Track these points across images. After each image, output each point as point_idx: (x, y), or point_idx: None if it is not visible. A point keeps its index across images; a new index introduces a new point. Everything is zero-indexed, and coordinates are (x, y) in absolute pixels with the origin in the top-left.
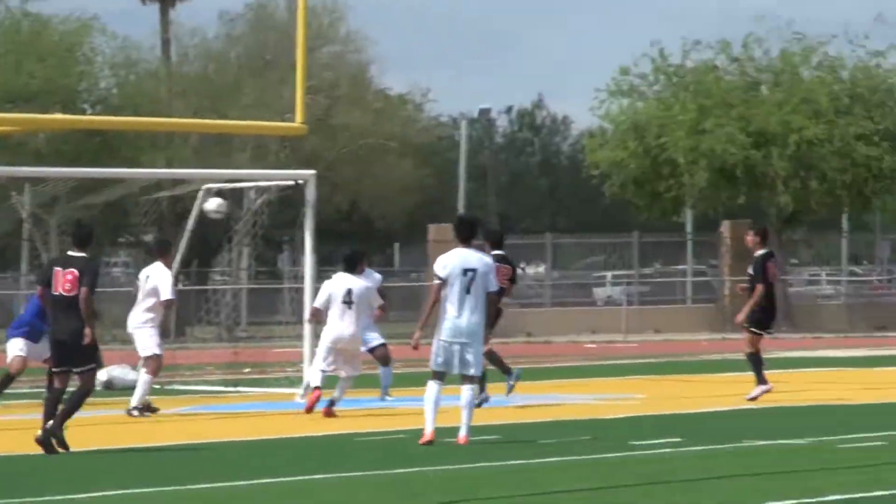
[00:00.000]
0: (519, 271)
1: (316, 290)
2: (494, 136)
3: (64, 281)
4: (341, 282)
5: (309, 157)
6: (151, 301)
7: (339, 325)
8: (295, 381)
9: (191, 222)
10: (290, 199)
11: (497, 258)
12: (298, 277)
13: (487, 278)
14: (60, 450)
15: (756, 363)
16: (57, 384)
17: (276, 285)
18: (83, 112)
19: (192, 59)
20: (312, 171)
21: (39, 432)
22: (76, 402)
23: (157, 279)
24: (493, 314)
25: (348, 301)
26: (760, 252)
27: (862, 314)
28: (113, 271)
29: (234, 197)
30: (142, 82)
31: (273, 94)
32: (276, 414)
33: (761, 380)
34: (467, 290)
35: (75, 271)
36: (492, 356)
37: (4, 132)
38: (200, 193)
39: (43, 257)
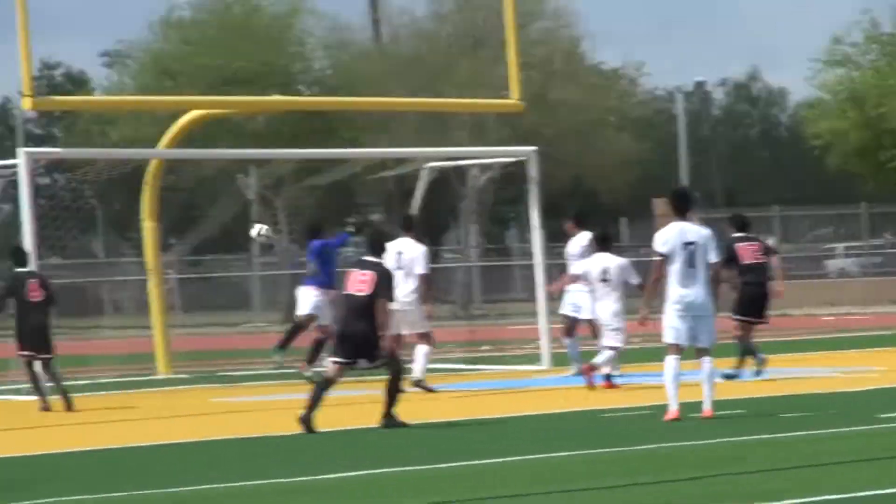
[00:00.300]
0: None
1: (546, 266)
2: (711, 109)
3: (357, 282)
4: (598, 261)
5: (527, 134)
6: (411, 277)
7: (599, 303)
8: (533, 359)
9: (417, 201)
10: (512, 175)
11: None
12: (528, 254)
13: (707, 249)
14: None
15: None
16: (334, 374)
17: (506, 262)
18: (300, 93)
19: (402, 38)
20: (533, 148)
21: (303, 412)
22: (394, 388)
23: (411, 255)
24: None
25: (605, 279)
26: None
27: None
28: (346, 251)
29: (457, 175)
30: (355, 63)
31: (487, 71)
32: (518, 392)
33: None
34: (690, 264)
35: (370, 274)
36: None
37: (223, 115)
38: (423, 172)
39: (271, 240)
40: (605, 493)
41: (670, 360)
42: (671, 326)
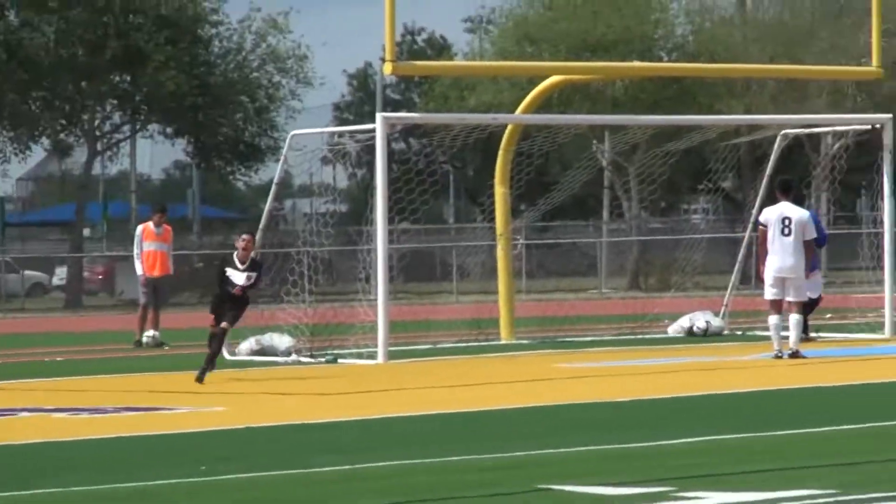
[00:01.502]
0: None
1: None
2: None
3: None
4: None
5: (885, 101)
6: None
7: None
8: (875, 327)
9: (769, 168)
10: (866, 143)
11: None
12: (877, 222)
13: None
14: None
15: None
16: None
17: (855, 230)
18: (660, 60)
19: (766, 4)
20: (889, 116)
21: None
22: None
23: (799, 220)
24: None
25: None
26: None
27: None
28: (693, 218)
29: (811, 142)
30: (716, 29)
31: (848, 38)
32: (862, 359)
33: None
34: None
35: None
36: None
37: (584, 80)
38: (778, 139)
39: (623, 206)
40: None
41: None
42: None
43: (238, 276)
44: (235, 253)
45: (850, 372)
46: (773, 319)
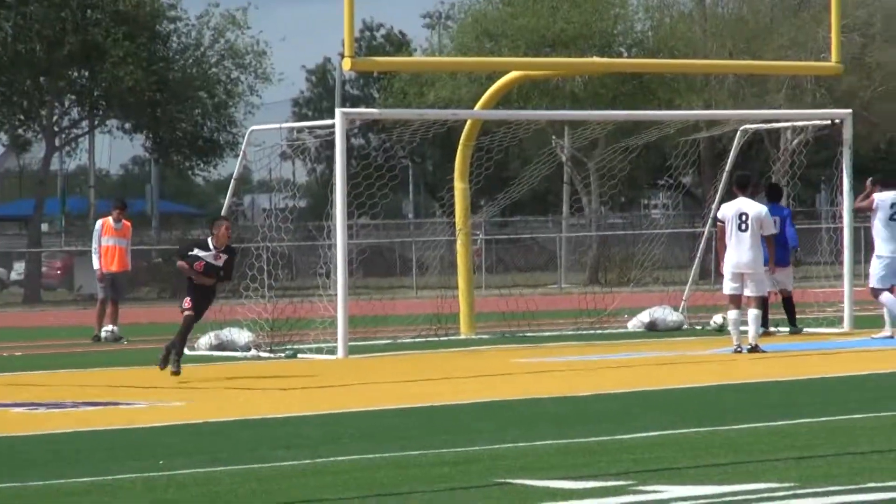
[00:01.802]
0: None
1: (854, 230)
2: None
3: None
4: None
5: (844, 97)
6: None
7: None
8: (834, 322)
9: (729, 163)
10: (826, 138)
11: None
12: (836, 217)
13: None
14: None
15: None
16: None
17: (814, 225)
18: (619, 55)
19: (726, 0)
20: (848, 111)
21: None
22: None
23: (756, 215)
24: None
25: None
26: None
27: None
28: (652, 213)
29: (770, 138)
30: (676, 24)
31: (807, 34)
32: (820, 353)
33: None
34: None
35: None
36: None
37: (544, 76)
38: (737, 134)
39: (583, 201)
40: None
41: None
42: None
43: (208, 256)
44: (211, 238)
45: (809, 366)
46: (731, 314)
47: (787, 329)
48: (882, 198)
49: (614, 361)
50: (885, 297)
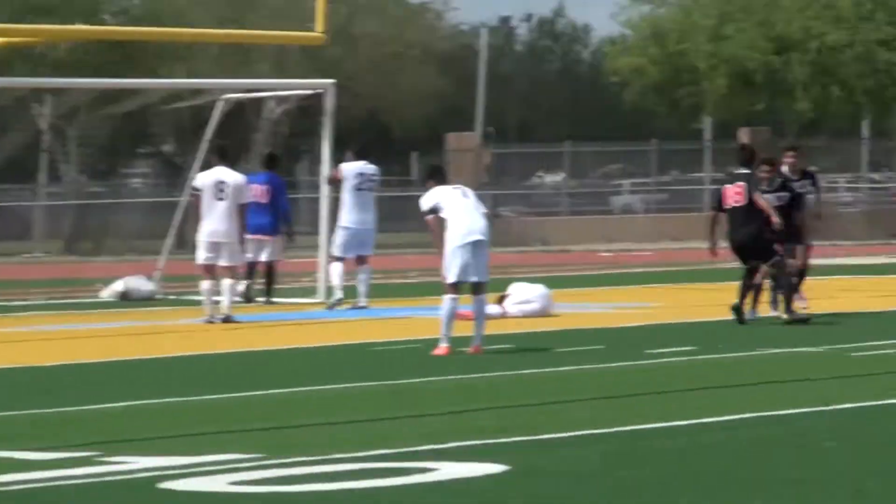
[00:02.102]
0: None
1: (333, 200)
2: (514, 45)
3: (733, 194)
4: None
5: (329, 67)
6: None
7: None
8: (310, 292)
9: (209, 133)
10: (310, 108)
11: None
12: (317, 187)
13: None
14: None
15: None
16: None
17: (294, 195)
18: (104, 23)
19: None
20: (331, 81)
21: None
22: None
23: (235, 185)
24: None
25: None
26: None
27: (881, 221)
28: (132, 182)
29: (253, 107)
30: None
31: (294, 4)
32: (294, 324)
33: None
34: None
35: (741, 185)
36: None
37: (25, 43)
38: (219, 103)
39: (62, 168)
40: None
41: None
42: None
43: None
44: None
45: (281, 337)
46: (205, 284)
47: (257, 300)
48: (349, 168)
49: (86, 331)
50: (334, 266)
